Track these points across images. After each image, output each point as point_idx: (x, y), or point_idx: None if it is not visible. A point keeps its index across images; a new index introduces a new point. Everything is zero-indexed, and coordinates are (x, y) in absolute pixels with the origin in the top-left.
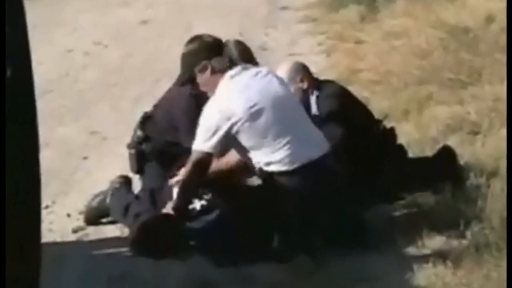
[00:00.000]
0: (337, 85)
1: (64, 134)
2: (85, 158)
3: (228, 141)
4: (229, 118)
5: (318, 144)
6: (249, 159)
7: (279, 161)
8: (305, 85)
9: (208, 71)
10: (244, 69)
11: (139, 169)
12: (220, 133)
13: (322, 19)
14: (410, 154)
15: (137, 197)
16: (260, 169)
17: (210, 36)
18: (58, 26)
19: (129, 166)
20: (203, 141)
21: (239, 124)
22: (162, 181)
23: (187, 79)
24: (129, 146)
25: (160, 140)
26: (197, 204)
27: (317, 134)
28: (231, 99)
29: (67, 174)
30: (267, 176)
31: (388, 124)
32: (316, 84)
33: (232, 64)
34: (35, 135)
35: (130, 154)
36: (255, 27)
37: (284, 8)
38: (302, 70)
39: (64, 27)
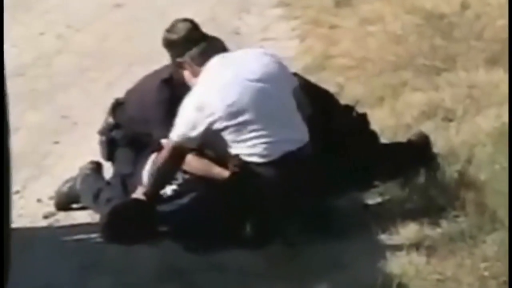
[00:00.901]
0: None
1: (35, 118)
2: (56, 142)
3: (208, 136)
4: (208, 116)
5: (297, 135)
6: (228, 152)
7: (258, 154)
8: None
9: (188, 66)
10: (224, 58)
11: (109, 156)
12: (200, 129)
13: (296, 4)
14: (384, 141)
15: (108, 183)
16: (238, 159)
17: (189, 24)
18: (30, 8)
19: (100, 153)
20: (182, 134)
21: (218, 122)
22: (133, 167)
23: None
24: (100, 133)
25: (131, 129)
26: (167, 189)
27: (298, 124)
28: (211, 95)
29: (38, 159)
30: (244, 165)
31: (362, 110)
32: None
33: (211, 54)
34: (4, 119)
35: (101, 141)
36: (228, 11)
37: None
38: None
39: (36, 9)
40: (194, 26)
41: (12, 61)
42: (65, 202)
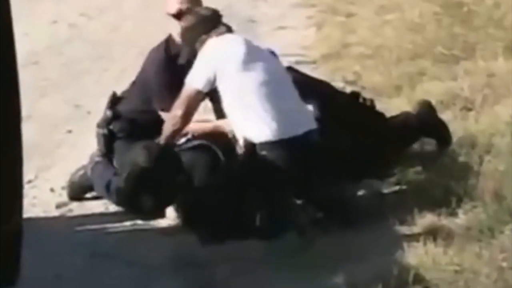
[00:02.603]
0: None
1: (48, 107)
2: (69, 131)
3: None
4: (223, 60)
5: (304, 120)
6: (232, 132)
7: (263, 132)
8: None
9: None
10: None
11: (107, 149)
12: (212, 71)
13: None
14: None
15: (115, 173)
16: (244, 140)
17: (206, 8)
18: None
19: (97, 146)
20: (195, 77)
21: (230, 68)
22: None
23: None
24: (98, 126)
25: (131, 113)
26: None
27: (305, 110)
28: (229, 45)
29: (50, 147)
30: (249, 147)
31: (379, 99)
32: None
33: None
34: (17, 108)
35: (98, 134)
36: None
37: None
38: None
39: None
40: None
41: (24, 49)
42: (77, 192)
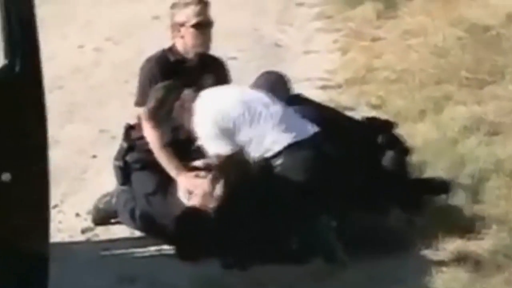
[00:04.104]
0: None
1: (74, 132)
2: (94, 156)
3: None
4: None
5: (304, 127)
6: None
7: (272, 146)
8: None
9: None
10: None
11: (125, 181)
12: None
13: (337, 16)
14: (428, 155)
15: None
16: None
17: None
18: (70, 22)
19: (115, 178)
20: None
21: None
22: (155, 186)
23: None
24: (115, 158)
25: (145, 142)
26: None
27: (302, 120)
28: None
29: (76, 173)
30: (265, 163)
31: (403, 124)
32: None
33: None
34: (43, 132)
35: (115, 166)
36: (270, 23)
37: (299, 4)
38: (280, 86)
39: (76, 22)
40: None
41: (50, 73)
42: (102, 218)
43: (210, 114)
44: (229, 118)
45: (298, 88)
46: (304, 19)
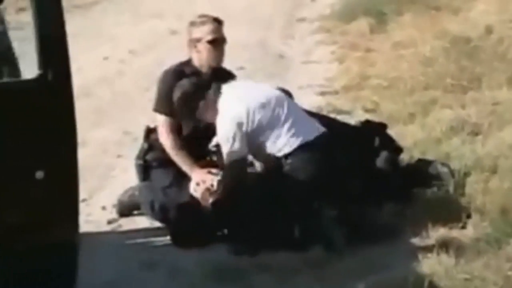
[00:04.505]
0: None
1: (100, 134)
2: (119, 156)
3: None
4: (240, 124)
5: (311, 128)
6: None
7: (283, 146)
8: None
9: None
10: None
11: (145, 178)
12: (239, 136)
13: (334, 30)
14: (417, 153)
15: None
16: (275, 157)
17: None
18: (96, 36)
19: (136, 175)
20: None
21: (248, 126)
22: (171, 180)
23: None
24: (137, 157)
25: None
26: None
27: (310, 120)
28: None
29: (102, 170)
30: (272, 163)
31: (395, 126)
32: None
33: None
34: (73, 135)
35: (137, 165)
36: (274, 36)
37: (300, 20)
38: None
39: (102, 36)
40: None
41: (78, 83)
42: (126, 210)
43: (233, 115)
44: (253, 120)
45: (300, 94)
46: (305, 33)
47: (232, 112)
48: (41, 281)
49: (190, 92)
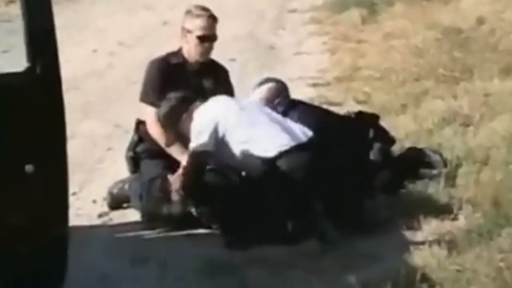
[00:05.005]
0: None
1: (90, 127)
2: (109, 149)
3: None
4: (214, 122)
5: (303, 131)
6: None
7: (274, 147)
8: (279, 108)
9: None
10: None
11: (135, 170)
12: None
13: (326, 21)
14: (409, 144)
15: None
16: (261, 159)
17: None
18: (85, 28)
19: (127, 167)
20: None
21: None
22: (157, 171)
23: None
24: (127, 149)
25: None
26: None
27: (297, 126)
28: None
29: (92, 163)
30: (267, 162)
31: (387, 117)
32: (291, 104)
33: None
34: (62, 128)
35: (127, 156)
36: (265, 28)
37: (292, 11)
38: (281, 94)
39: (90, 29)
40: None
41: (67, 75)
42: (115, 202)
43: (210, 114)
44: (228, 119)
45: (291, 86)
46: (296, 24)
47: (209, 110)
48: (30, 275)
49: (176, 106)
